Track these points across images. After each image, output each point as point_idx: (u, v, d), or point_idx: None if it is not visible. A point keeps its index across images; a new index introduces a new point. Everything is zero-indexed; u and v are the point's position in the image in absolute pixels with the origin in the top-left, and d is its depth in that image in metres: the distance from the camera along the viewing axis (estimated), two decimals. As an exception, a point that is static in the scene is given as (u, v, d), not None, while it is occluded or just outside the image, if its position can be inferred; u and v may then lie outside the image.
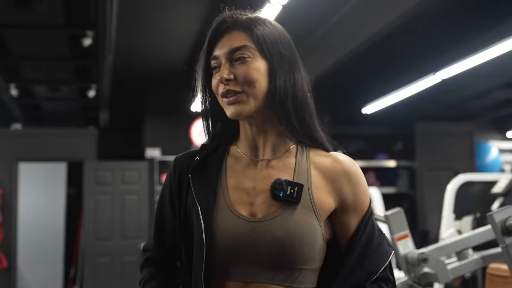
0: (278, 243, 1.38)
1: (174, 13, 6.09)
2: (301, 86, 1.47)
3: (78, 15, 5.33)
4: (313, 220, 1.40)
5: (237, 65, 1.44)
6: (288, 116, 1.44)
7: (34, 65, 6.81)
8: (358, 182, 1.46)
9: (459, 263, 2.76)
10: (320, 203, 1.42)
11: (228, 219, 1.43)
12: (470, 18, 5.96)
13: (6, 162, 8.21)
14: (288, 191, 1.41)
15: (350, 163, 1.47)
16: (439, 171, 9.59)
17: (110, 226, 8.31)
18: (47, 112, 9.41)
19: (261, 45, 1.44)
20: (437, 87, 7.27)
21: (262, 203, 1.44)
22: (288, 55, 1.46)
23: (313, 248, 1.40)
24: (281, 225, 1.39)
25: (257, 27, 1.46)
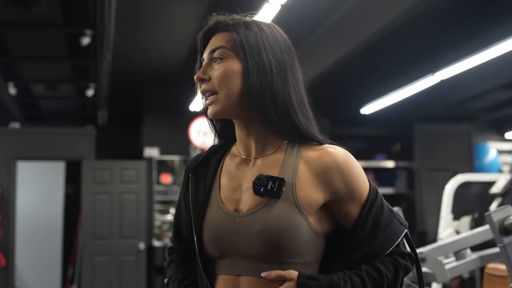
0: (260, 237, 1.42)
1: (173, 12, 6.08)
2: (282, 86, 1.48)
3: (76, 14, 5.31)
4: (295, 214, 1.42)
5: (214, 66, 1.50)
6: (268, 115, 1.47)
7: (33, 64, 6.81)
8: (351, 172, 1.46)
9: (457, 263, 2.76)
10: (304, 196, 1.44)
11: (216, 215, 1.50)
12: (468, 18, 5.96)
13: (4, 161, 8.21)
14: (269, 186, 1.44)
15: (340, 154, 1.47)
16: (437, 171, 9.60)
17: (108, 226, 8.31)
18: (46, 111, 9.40)
19: (238, 46, 1.47)
20: (435, 88, 7.27)
21: (247, 199, 1.48)
22: (269, 57, 1.48)
23: (296, 242, 1.41)
24: (261, 219, 1.43)
25: (240, 28, 1.50)
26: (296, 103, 1.49)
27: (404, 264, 1.47)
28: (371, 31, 5.70)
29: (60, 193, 9.60)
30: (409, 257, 1.49)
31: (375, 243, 1.43)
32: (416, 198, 9.61)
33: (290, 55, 1.53)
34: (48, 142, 8.44)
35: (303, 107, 1.51)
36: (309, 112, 1.54)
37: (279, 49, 1.51)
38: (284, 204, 1.43)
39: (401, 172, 9.96)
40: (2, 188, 8.12)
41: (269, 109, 1.46)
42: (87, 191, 8.31)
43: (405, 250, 1.48)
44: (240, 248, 1.45)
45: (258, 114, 1.48)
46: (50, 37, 5.90)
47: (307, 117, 1.52)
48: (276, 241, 1.41)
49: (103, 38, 5.35)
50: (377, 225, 1.45)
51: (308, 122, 1.51)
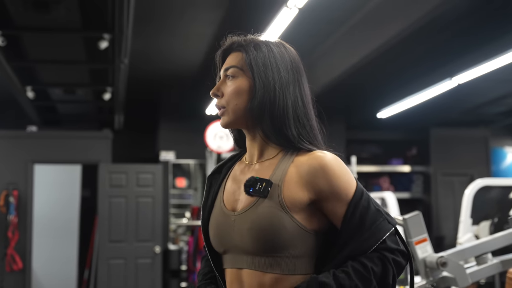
0: (249, 233, 1.59)
1: (190, 17, 6.10)
2: (282, 103, 1.65)
3: (95, 18, 5.34)
4: (278, 212, 1.56)
5: (227, 82, 1.70)
6: (266, 127, 1.65)
7: (51, 68, 6.84)
8: (334, 173, 1.58)
9: (478, 267, 2.74)
10: (288, 196, 1.58)
11: (218, 215, 1.70)
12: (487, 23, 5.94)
13: (21, 164, 8.26)
14: (257, 186, 1.61)
15: (326, 157, 1.60)
16: (453, 176, 9.57)
17: (124, 229, 8.33)
18: (63, 115, 9.43)
19: (247, 65, 1.67)
20: (452, 92, 7.24)
21: (242, 199, 1.66)
22: (274, 75, 1.66)
23: (280, 237, 1.55)
24: (249, 217, 1.60)
25: (250, 48, 1.69)
26: (292, 118, 1.65)
27: (393, 259, 1.55)
28: (389, 34, 5.69)
29: (76, 196, 9.64)
30: (400, 253, 1.57)
31: (360, 240, 1.54)
32: (432, 203, 9.57)
33: (295, 71, 1.70)
34: (65, 145, 8.49)
35: (302, 120, 1.67)
36: (309, 124, 1.68)
37: (284, 67, 1.68)
38: (270, 203, 1.58)
39: (417, 176, 9.93)
40: (19, 191, 8.17)
41: (267, 122, 1.64)
42: (103, 194, 8.34)
43: (394, 246, 1.56)
44: (237, 244, 1.62)
45: (259, 125, 1.67)
46: (68, 41, 5.92)
47: (305, 128, 1.66)
48: (262, 237, 1.56)
49: (121, 42, 5.37)
50: (362, 223, 1.55)
51: (305, 132, 1.66)
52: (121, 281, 8.26)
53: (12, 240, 8.03)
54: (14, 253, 8.05)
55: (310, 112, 1.70)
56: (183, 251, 8.80)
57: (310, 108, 1.70)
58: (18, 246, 8.09)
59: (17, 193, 8.12)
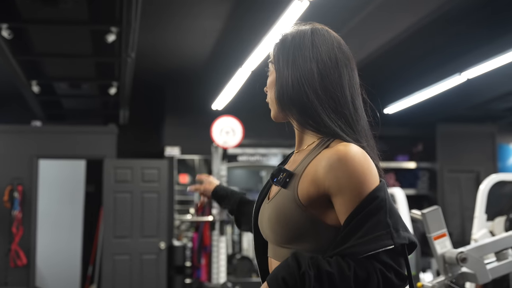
0: (269, 221, 1.62)
1: (198, 11, 6.05)
2: (303, 90, 1.62)
3: (102, 11, 5.29)
4: (293, 204, 1.55)
5: None
6: (294, 116, 1.67)
7: (56, 61, 6.80)
8: (348, 169, 1.49)
9: (498, 263, 2.69)
10: (302, 189, 1.55)
11: (262, 204, 1.74)
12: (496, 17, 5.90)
13: (26, 159, 8.22)
14: (279, 177, 1.61)
15: (347, 151, 1.52)
16: (460, 173, 9.51)
17: (129, 224, 8.29)
18: (68, 110, 9.39)
19: (274, 57, 1.71)
20: (459, 88, 7.20)
21: (273, 189, 1.69)
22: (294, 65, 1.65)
23: (291, 229, 1.55)
24: (271, 206, 1.63)
25: (278, 42, 1.73)
26: (320, 105, 1.61)
27: (382, 271, 1.45)
28: (397, 29, 5.65)
29: (81, 192, 9.60)
30: (394, 271, 1.47)
31: (351, 245, 1.45)
32: (438, 200, 9.52)
33: (329, 59, 1.66)
34: (69, 140, 8.45)
35: (337, 108, 1.62)
36: (348, 112, 1.63)
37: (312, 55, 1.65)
38: (287, 195, 1.58)
39: (423, 173, 9.87)
40: (23, 186, 8.13)
41: (293, 110, 1.65)
42: (108, 189, 8.29)
43: (389, 261, 1.46)
44: (265, 233, 1.68)
45: (290, 114, 1.67)
46: (75, 34, 5.88)
47: (342, 117, 1.61)
48: (275, 227, 1.58)
49: (129, 35, 5.33)
50: (358, 229, 1.46)
51: (342, 121, 1.61)
52: (126, 277, 8.22)
53: (16, 235, 7.99)
54: (18, 248, 8.01)
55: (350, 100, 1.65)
56: (187, 247, 8.77)
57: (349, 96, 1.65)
58: (22, 241, 8.05)
59: (21, 188, 8.08)
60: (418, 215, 2.69)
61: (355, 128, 1.62)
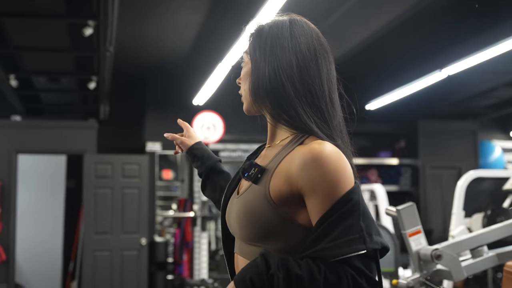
0: (237, 218, 1.56)
1: (177, 5, 6.00)
2: (280, 81, 1.56)
3: (79, 4, 5.22)
4: (263, 201, 1.49)
5: None
6: (267, 108, 1.61)
7: (34, 55, 6.71)
8: (323, 169, 1.44)
9: (473, 260, 2.67)
10: (274, 185, 1.49)
11: (231, 198, 1.69)
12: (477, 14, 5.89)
13: (5, 154, 8.12)
14: (251, 172, 1.56)
15: (322, 150, 1.46)
16: (442, 169, 9.53)
17: (109, 220, 8.22)
18: (47, 104, 9.30)
19: (249, 47, 1.66)
20: (441, 84, 7.19)
21: (243, 184, 1.64)
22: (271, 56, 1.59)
23: (260, 226, 1.49)
24: (239, 202, 1.58)
25: (253, 33, 1.67)
26: (297, 99, 1.55)
27: (353, 276, 1.40)
28: (377, 25, 5.62)
29: (61, 187, 9.52)
30: (366, 277, 1.42)
31: (321, 248, 1.41)
32: (421, 196, 9.53)
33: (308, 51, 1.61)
34: (49, 135, 8.36)
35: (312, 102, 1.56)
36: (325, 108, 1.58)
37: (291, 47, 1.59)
38: (258, 191, 1.52)
39: (405, 169, 9.88)
40: (2, 182, 8.03)
41: (267, 102, 1.59)
42: (88, 185, 8.21)
43: (361, 267, 1.41)
44: (233, 229, 1.63)
45: (264, 107, 1.62)
46: (52, 28, 5.80)
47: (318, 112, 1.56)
48: (243, 223, 1.53)
49: (106, 29, 5.26)
50: (329, 232, 1.41)
51: (318, 117, 1.55)
52: (106, 273, 8.15)
53: (-5, 231, 7.90)
54: (-3, 244, 7.92)
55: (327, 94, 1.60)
56: (170, 243, 8.71)
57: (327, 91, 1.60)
58: (2, 237, 7.95)
59: (0, 183, 7.98)
60: (393, 212, 2.66)
61: (331, 123, 1.58)
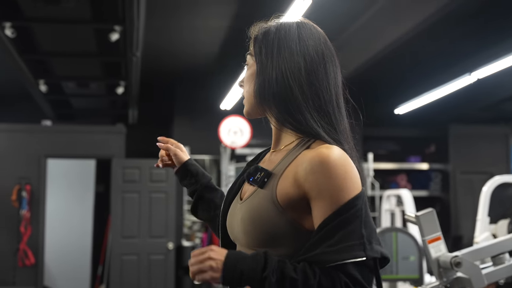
0: (242, 223, 1.52)
1: (204, 9, 6.01)
2: (287, 84, 1.54)
3: (105, 10, 5.26)
4: (269, 205, 1.47)
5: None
6: (273, 112, 1.58)
7: (63, 61, 6.78)
8: (329, 174, 1.42)
9: (494, 268, 2.61)
10: (281, 189, 1.47)
11: (233, 203, 1.65)
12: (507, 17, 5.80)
13: (34, 158, 8.22)
14: (256, 176, 1.54)
15: (330, 155, 1.44)
16: (473, 174, 9.39)
17: (137, 225, 8.26)
18: (77, 109, 9.40)
19: (255, 49, 1.62)
20: (471, 88, 7.10)
21: (247, 189, 1.59)
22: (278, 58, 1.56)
23: (266, 231, 1.46)
24: (244, 207, 1.54)
25: (259, 34, 1.62)
26: (304, 102, 1.53)
27: (346, 282, 1.37)
28: (406, 28, 5.56)
29: (90, 192, 9.60)
30: (359, 284, 1.38)
31: (319, 251, 1.39)
32: (451, 202, 9.40)
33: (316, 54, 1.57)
34: (78, 140, 8.44)
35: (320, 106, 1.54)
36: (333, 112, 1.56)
37: (299, 50, 1.57)
38: (265, 196, 1.49)
39: (435, 174, 9.76)
40: (32, 186, 8.13)
41: (273, 106, 1.56)
42: (116, 189, 8.27)
43: (357, 276, 1.38)
44: (236, 235, 1.58)
45: (269, 111, 1.59)
46: (79, 33, 5.86)
47: (326, 116, 1.54)
48: (249, 229, 1.49)
49: (132, 34, 5.29)
50: (331, 236, 1.39)
51: (325, 121, 1.54)
52: (134, 277, 8.20)
53: (25, 235, 7.99)
54: (27, 248, 8.01)
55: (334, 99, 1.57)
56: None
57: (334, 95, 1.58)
58: (31, 241, 8.05)
59: (29, 187, 8.08)
60: (412, 218, 2.61)
61: (338, 128, 1.55)
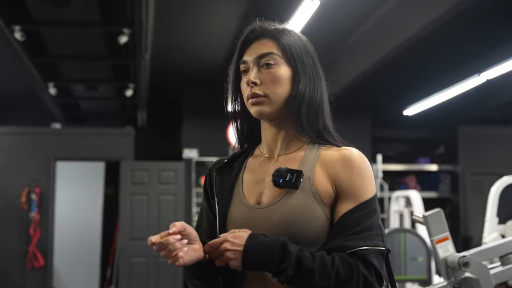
0: (279, 226, 1.50)
1: (213, 12, 6.03)
2: (319, 93, 1.62)
3: (114, 13, 5.29)
4: (313, 204, 1.51)
5: (263, 70, 1.60)
6: (302, 119, 1.59)
7: (72, 63, 6.82)
8: (358, 172, 1.54)
9: (502, 268, 2.61)
10: (320, 187, 1.53)
11: (238, 209, 1.59)
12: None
13: (44, 161, 8.25)
14: (288, 177, 1.53)
15: (353, 153, 1.56)
16: (482, 175, 9.34)
17: (145, 227, 8.28)
18: (86, 112, 9.44)
19: (287, 52, 1.60)
20: (481, 89, 7.08)
21: (268, 192, 1.57)
22: (310, 63, 1.62)
23: (312, 231, 1.50)
24: (280, 209, 1.52)
25: (283, 36, 1.62)
26: (325, 110, 1.63)
27: (364, 275, 1.44)
28: (415, 29, 5.54)
29: (99, 194, 9.63)
30: (376, 274, 1.46)
31: (343, 239, 1.47)
32: (460, 203, 9.37)
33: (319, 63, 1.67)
34: (87, 142, 8.47)
35: (328, 113, 1.65)
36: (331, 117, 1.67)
37: (314, 56, 1.65)
38: (302, 195, 1.52)
39: (444, 175, 9.73)
40: (41, 188, 8.17)
41: (305, 113, 1.59)
42: (125, 191, 8.29)
43: (374, 263, 1.46)
44: None
45: (292, 116, 1.60)
46: (88, 36, 5.89)
47: (330, 121, 1.65)
48: (294, 230, 1.48)
49: (141, 37, 5.32)
50: (355, 225, 1.48)
51: (330, 126, 1.64)
52: (142, 279, 8.21)
53: (34, 237, 8.03)
54: (36, 250, 8.04)
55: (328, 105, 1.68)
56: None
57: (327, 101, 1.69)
58: (40, 243, 8.08)
59: (39, 190, 8.12)
60: (420, 218, 2.61)
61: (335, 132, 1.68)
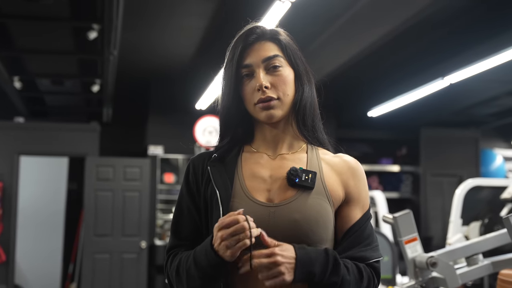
0: (296, 225, 1.52)
1: (181, 9, 6.03)
2: (313, 93, 1.69)
3: (84, 8, 5.25)
4: (326, 204, 1.56)
5: (271, 73, 1.60)
6: (305, 120, 1.64)
7: (38, 57, 6.74)
8: (363, 182, 1.65)
9: (468, 268, 2.69)
10: (332, 189, 1.59)
11: (246, 206, 1.54)
12: (479, 23, 5.90)
13: (7, 155, 8.15)
14: (303, 177, 1.56)
15: (355, 162, 1.67)
16: (443, 177, 9.54)
17: (110, 223, 8.24)
18: (51, 106, 9.33)
19: (287, 54, 1.63)
20: (443, 92, 7.21)
21: (278, 189, 1.58)
22: (303, 63, 1.67)
23: (327, 230, 1.55)
24: (297, 208, 1.54)
25: (280, 37, 1.65)
26: (317, 109, 1.69)
27: (375, 284, 1.58)
28: (380, 32, 5.63)
29: (62, 189, 9.54)
30: (378, 279, 1.60)
31: (363, 249, 1.57)
32: (421, 203, 9.54)
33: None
34: (51, 137, 8.38)
35: (318, 112, 1.70)
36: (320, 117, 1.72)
37: (302, 56, 1.69)
38: (317, 196, 1.56)
39: (406, 176, 9.90)
40: (4, 183, 8.07)
41: (307, 113, 1.64)
42: (89, 187, 8.24)
43: (380, 272, 1.60)
44: (273, 237, 1.49)
45: (298, 117, 1.64)
46: (57, 31, 5.83)
47: (321, 122, 1.70)
48: (311, 229, 1.52)
49: (111, 33, 5.28)
50: (369, 236, 1.60)
51: (321, 127, 1.70)
52: (106, 276, 8.17)
53: (-4, 232, 7.93)
54: (-2, 245, 7.95)
55: None
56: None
57: None
58: (2, 238, 7.98)
59: (2, 184, 8.02)
60: (390, 219, 2.68)
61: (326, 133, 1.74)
